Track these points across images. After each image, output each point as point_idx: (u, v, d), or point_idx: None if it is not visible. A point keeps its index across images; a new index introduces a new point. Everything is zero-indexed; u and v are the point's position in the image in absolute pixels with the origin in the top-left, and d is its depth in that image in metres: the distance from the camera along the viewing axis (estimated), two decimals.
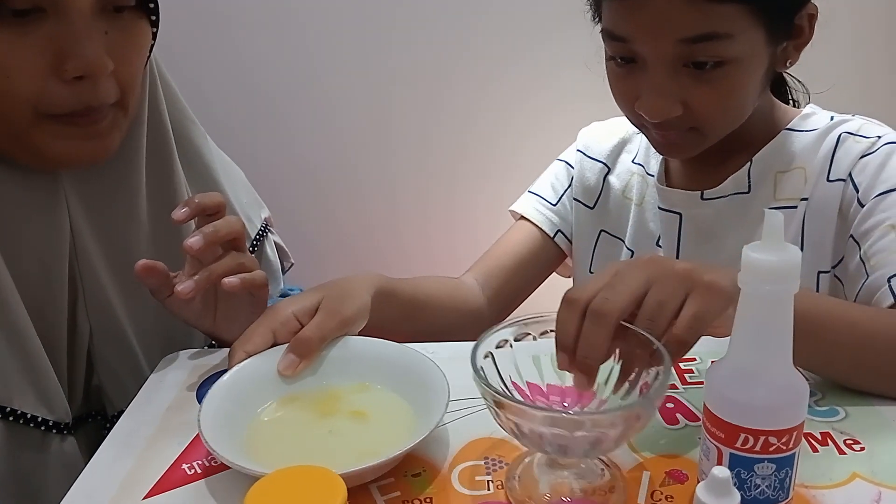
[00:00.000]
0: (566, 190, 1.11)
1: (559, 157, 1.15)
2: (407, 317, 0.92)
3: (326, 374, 0.77)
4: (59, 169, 0.80)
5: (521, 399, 0.66)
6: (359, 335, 0.81)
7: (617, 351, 0.64)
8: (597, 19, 0.91)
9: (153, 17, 0.79)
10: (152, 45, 0.82)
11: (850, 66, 1.59)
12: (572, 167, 1.12)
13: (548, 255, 1.11)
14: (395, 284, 0.90)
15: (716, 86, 0.84)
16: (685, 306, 0.62)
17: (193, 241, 0.77)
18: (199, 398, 0.78)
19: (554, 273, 1.16)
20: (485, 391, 0.60)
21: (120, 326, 0.87)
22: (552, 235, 1.11)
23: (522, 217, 1.13)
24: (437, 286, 1.01)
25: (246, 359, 0.76)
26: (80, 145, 0.76)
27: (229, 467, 0.65)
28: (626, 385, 0.64)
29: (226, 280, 0.79)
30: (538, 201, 1.12)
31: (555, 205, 1.11)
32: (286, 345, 0.77)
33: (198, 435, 0.71)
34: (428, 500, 0.64)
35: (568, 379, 0.65)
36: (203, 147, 0.96)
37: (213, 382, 0.80)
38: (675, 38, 0.82)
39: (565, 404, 0.67)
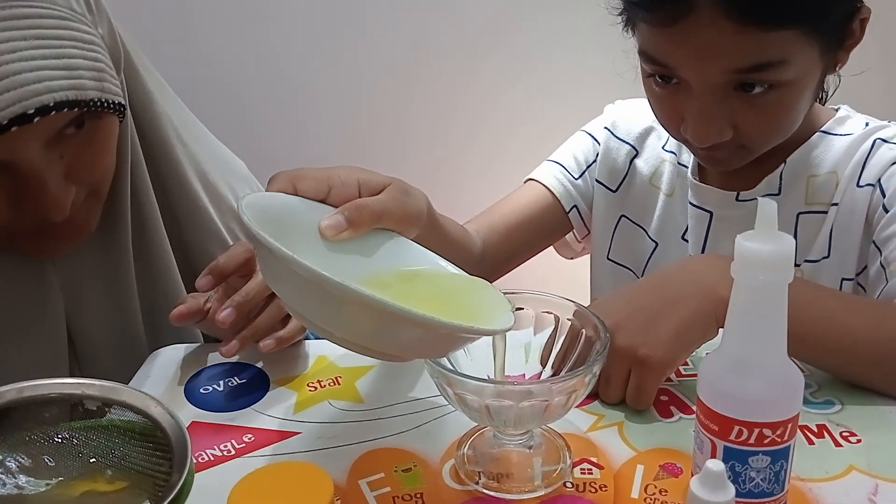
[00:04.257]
0: (590, 166, 1.06)
1: (584, 129, 1.09)
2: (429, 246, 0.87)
3: (373, 260, 0.67)
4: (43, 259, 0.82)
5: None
6: None
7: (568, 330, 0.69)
8: (629, 32, 0.87)
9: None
10: (122, 120, 0.78)
11: (882, 53, 1.53)
12: (598, 143, 1.07)
13: (557, 224, 1.07)
14: (434, 211, 0.83)
15: (768, 109, 0.82)
16: (630, 379, 0.72)
17: (225, 315, 0.74)
18: (189, 395, 0.77)
19: (556, 254, 1.13)
20: (432, 368, 0.61)
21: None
22: (567, 209, 1.06)
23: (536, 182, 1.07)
24: (455, 228, 0.95)
25: (291, 193, 0.66)
26: (59, 243, 0.78)
27: (218, 462, 0.64)
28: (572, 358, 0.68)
29: (262, 344, 0.76)
30: (560, 171, 1.07)
31: (577, 178, 1.06)
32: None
33: None
34: (419, 495, 0.63)
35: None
36: (187, 174, 0.91)
37: (203, 378, 0.79)
38: (726, 68, 0.79)
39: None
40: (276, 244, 0.54)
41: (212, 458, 0.68)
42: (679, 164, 1.01)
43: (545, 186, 1.06)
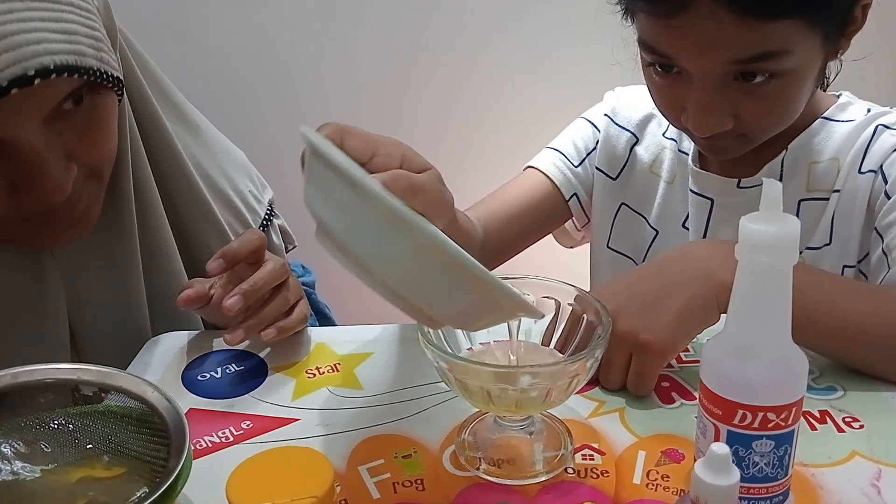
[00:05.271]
0: (590, 153, 1.06)
1: (583, 116, 1.08)
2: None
3: None
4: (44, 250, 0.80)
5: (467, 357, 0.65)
6: None
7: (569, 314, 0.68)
8: (628, 20, 0.87)
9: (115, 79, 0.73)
10: (120, 99, 0.77)
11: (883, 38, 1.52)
12: (598, 130, 1.06)
13: (557, 212, 1.07)
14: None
15: (769, 98, 0.81)
16: (631, 365, 0.71)
17: (232, 301, 0.74)
18: (186, 382, 0.77)
19: (554, 243, 1.13)
20: (433, 353, 0.60)
21: None
22: (567, 197, 1.06)
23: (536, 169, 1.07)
24: (461, 217, 0.94)
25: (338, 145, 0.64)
26: (60, 232, 0.76)
27: (216, 449, 0.63)
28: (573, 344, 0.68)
29: (264, 332, 0.76)
30: (559, 158, 1.06)
31: (577, 166, 1.06)
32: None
33: None
34: (419, 481, 0.63)
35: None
36: (187, 163, 0.90)
37: (201, 366, 0.79)
38: (726, 59, 0.78)
39: None
40: (349, 161, 0.50)
41: (210, 445, 0.67)
42: (679, 151, 1.00)
43: (545, 174, 1.06)
